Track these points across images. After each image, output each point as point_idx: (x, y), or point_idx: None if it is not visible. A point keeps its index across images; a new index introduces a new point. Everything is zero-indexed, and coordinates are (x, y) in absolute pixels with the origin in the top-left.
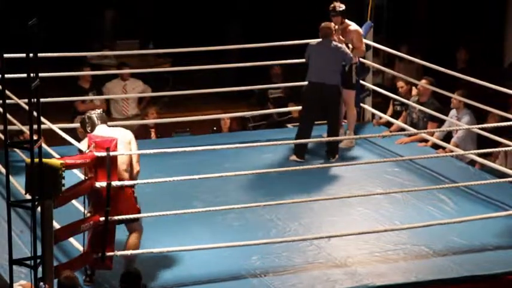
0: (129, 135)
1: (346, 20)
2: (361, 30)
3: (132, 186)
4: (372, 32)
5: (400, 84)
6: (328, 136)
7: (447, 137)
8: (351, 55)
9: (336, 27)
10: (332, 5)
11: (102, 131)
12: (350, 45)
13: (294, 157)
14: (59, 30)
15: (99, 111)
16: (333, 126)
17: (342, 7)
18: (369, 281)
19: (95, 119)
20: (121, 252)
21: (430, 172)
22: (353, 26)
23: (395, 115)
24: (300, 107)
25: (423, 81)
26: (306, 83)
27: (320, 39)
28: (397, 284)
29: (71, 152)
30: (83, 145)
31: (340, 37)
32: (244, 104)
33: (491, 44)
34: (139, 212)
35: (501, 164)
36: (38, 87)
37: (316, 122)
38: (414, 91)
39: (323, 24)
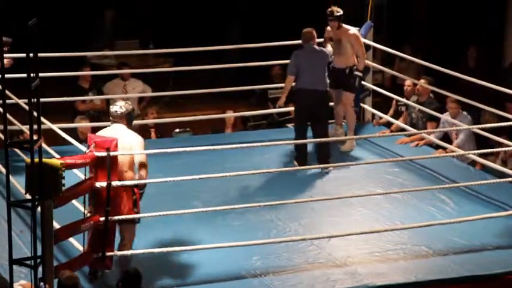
0: (129, 145)
1: (344, 25)
2: (358, 34)
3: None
4: (372, 32)
5: (408, 83)
6: (319, 144)
7: (444, 140)
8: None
9: (331, 32)
10: (330, 10)
11: (108, 132)
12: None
13: (296, 164)
14: (59, 30)
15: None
16: (323, 134)
17: (340, 12)
18: (369, 281)
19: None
20: (121, 252)
21: (430, 172)
22: (352, 30)
23: (398, 115)
24: None
25: (422, 81)
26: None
27: (303, 45)
28: (397, 283)
29: (71, 152)
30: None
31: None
32: (244, 103)
33: (491, 44)
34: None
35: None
36: (38, 87)
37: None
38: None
39: (305, 29)
